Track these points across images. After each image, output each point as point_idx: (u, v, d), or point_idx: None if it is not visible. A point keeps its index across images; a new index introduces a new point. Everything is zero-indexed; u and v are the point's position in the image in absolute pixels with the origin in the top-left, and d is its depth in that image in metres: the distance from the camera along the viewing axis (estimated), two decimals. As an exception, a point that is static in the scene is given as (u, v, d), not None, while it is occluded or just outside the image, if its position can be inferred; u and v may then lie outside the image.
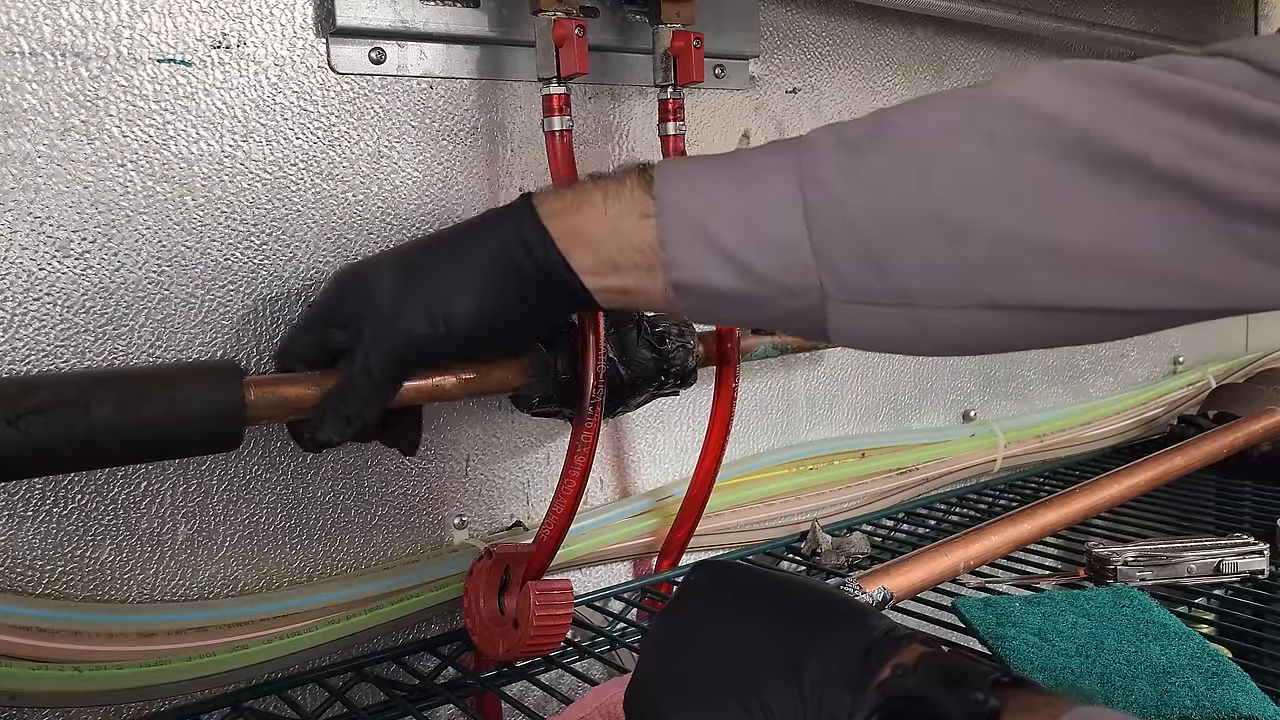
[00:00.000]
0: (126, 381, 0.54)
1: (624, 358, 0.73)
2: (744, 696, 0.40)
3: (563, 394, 0.70)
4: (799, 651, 0.41)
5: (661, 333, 0.75)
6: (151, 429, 0.54)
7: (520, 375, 0.69)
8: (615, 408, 0.74)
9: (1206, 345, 1.50)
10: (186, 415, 0.54)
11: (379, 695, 0.70)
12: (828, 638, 0.41)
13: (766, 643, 0.42)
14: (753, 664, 0.41)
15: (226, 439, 0.57)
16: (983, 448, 1.12)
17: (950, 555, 0.77)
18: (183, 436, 0.55)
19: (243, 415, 0.56)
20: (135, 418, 0.53)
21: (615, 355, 0.72)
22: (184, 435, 0.55)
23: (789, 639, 0.42)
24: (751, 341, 0.85)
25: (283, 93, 0.67)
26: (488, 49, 0.74)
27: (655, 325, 0.76)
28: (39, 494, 0.60)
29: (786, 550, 0.93)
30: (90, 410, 0.52)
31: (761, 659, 0.41)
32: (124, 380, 0.54)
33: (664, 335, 0.75)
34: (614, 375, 0.72)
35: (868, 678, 0.39)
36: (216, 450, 0.58)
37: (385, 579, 0.71)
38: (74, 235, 0.60)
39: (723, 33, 0.85)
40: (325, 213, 0.69)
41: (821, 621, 0.42)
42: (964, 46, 1.11)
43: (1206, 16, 1.42)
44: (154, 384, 0.55)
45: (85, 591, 0.62)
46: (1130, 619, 0.69)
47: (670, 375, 0.76)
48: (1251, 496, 1.07)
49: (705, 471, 0.81)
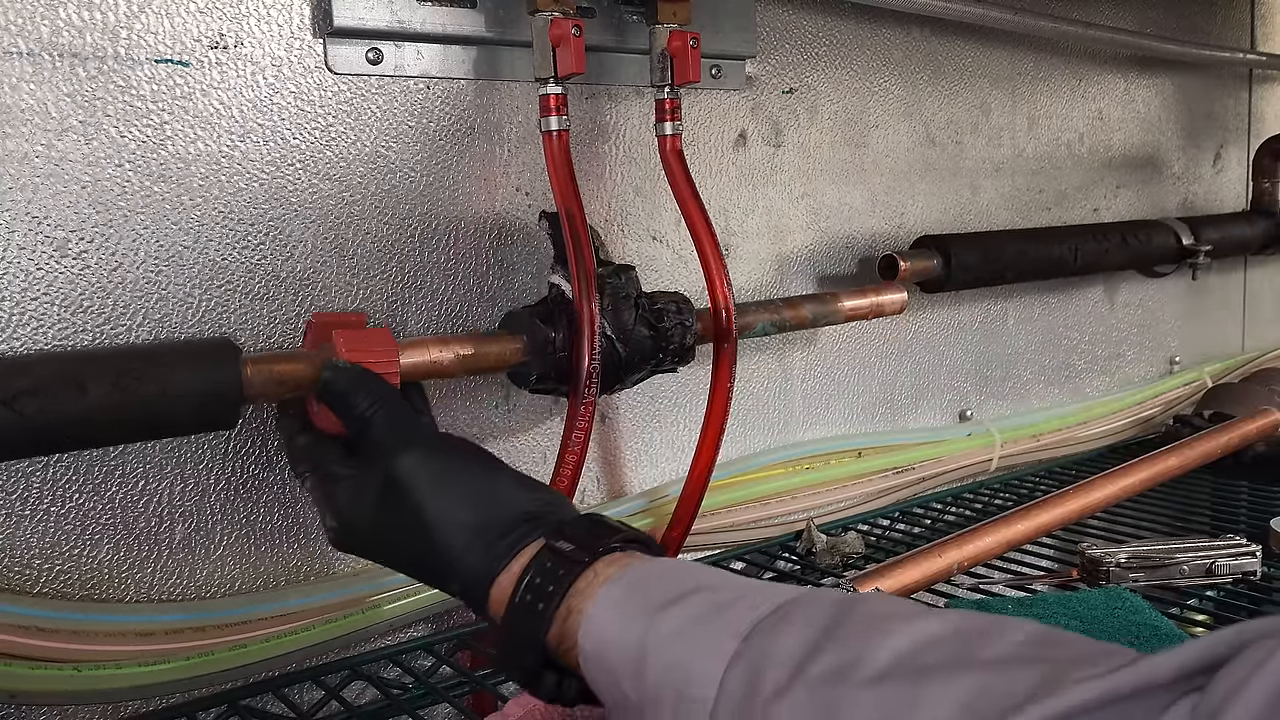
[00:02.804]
0: (122, 360, 0.54)
1: (621, 335, 0.72)
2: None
3: (560, 371, 0.70)
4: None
5: (660, 310, 0.75)
6: (148, 408, 0.53)
7: (518, 352, 0.69)
8: (612, 385, 0.74)
9: (1202, 345, 1.50)
10: (183, 393, 0.54)
11: (375, 694, 0.70)
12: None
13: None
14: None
15: (224, 417, 0.57)
16: (979, 447, 1.13)
17: (944, 556, 0.77)
18: (180, 415, 0.55)
19: (240, 393, 0.56)
20: (132, 396, 0.53)
21: (613, 333, 0.72)
22: (181, 413, 0.54)
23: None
24: (750, 319, 0.84)
25: (280, 93, 0.67)
26: (484, 49, 0.74)
27: (654, 302, 0.75)
28: (37, 493, 0.60)
29: (781, 549, 0.94)
30: (86, 389, 0.51)
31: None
32: (119, 359, 0.54)
33: (662, 313, 0.75)
34: (611, 353, 0.72)
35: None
36: (213, 429, 0.58)
37: (381, 578, 0.71)
38: (72, 235, 0.60)
39: (719, 33, 0.85)
40: (322, 213, 0.69)
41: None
42: (960, 47, 1.11)
43: (1203, 16, 1.43)
44: (150, 362, 0.54)
45: (83, 591, 0.62)
46: (1122, 621, 0.69)
47: (668, 353, 0.75)
48: (1247, 497, 1.07)
49: (702, 465, 0.81)
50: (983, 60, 1.14)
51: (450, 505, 0.52)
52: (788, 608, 0.43)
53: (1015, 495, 1.10)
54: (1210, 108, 1.47)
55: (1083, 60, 1.26)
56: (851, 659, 0.38)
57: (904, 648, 0.38)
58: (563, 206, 0.70)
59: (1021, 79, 1.19)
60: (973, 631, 0.38)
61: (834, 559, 0.89)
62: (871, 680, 0.37)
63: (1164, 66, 1.37)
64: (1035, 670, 0.34)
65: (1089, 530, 0.94)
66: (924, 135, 1.09)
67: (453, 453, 0.55)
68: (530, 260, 0.79)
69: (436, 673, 0.73)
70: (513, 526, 0.51)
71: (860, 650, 0.38)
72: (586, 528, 0.51)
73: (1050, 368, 1.28)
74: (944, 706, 0.35)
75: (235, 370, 0.56)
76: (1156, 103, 1.37)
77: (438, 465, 0.53)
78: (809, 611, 0.42)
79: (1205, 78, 1.45)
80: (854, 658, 0.38)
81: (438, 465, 0.53)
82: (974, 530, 0.81)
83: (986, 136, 1.16)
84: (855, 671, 0.38)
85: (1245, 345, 1.58)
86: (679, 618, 0.44)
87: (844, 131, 1.01)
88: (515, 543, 0.50)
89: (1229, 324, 1.56)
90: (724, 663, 0.41)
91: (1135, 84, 1.34)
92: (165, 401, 0.54)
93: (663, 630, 0.44)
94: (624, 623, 0.45)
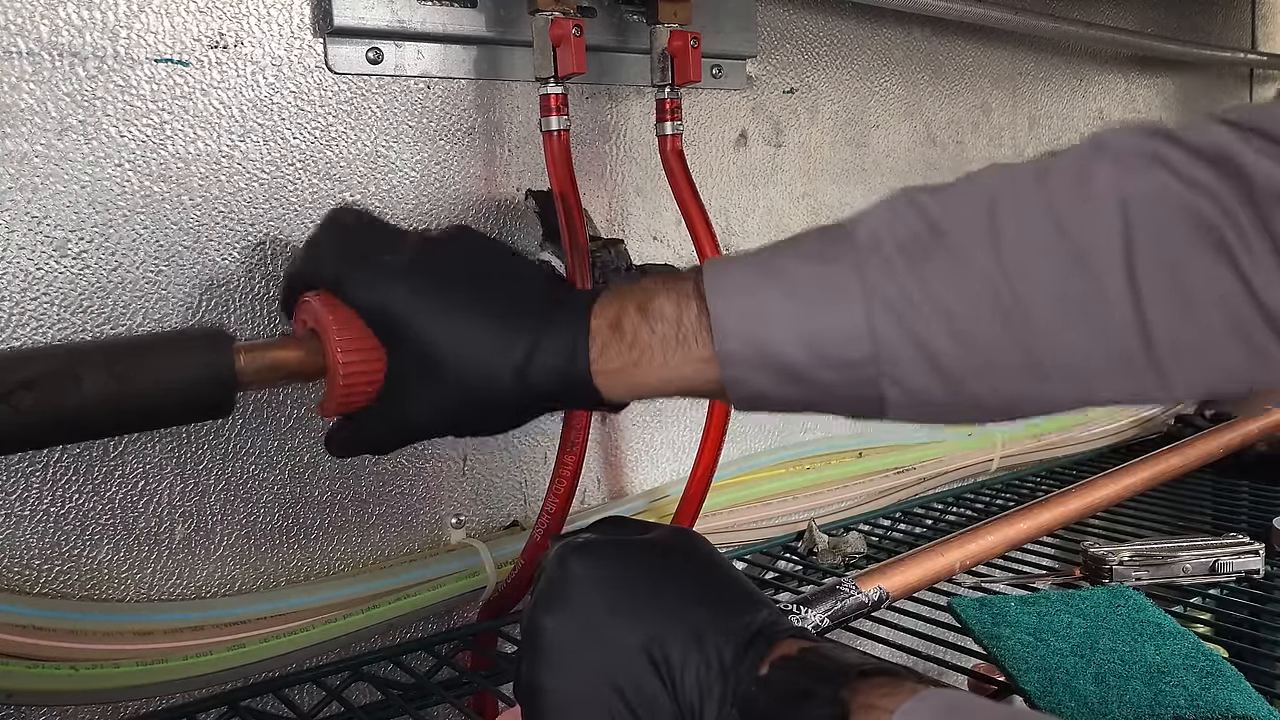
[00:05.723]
0: (115, 351, 0.54)
1: None
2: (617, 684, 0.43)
3: None
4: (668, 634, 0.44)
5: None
6: (143, 398, 0.53)
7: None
8: None
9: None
10: (178, 383, 0.54)
11: (376, 695, 0.70)
12: (708, 627, 0.43)
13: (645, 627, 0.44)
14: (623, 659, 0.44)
15: (218, 405, 0.56)
16: (980, 447, 1.12)
17: (946, 555, 0.77)
18: (174, 404, 0.54)
19: (234, 381, 0.56)
20: (127, 387, 0.53)
21: None
22: (176, 403, 0.54)
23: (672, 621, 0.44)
24: None
25: (280, 93, 0.67)
26: (485, 49, 0.74)
27: (645, 273, 0.75)
28: (36, 493, 0.60)
29: (783, 550, 0.94)
30: (81, 382, 0.51)
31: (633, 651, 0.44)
32: (113, 350, 0.54)
33: None
34: None
35: (742, 668, 0.41)
36: (208, 417, 0.58)
37: (382, 578, 0.71)
38: (71, 235, 0.60)
39: (720, 33, 0.85)
40: (322, 212, 0.69)
41: (700, 605, 0.45)
42: (961, 47, 1.11)
43: (1203, 16, 1.43)
44: (143, 353, 0.54)
45: (83, 590, 0.62)
46: (1125, 619, 0.69)
47: None
48: (1248, 496, 1.07)
49: (704, 465, 0.81)
50: (983, 60, 1.14)
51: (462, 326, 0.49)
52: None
53: (1017, 495, 1.10)
54: (1211, 107, 1.46)
55: (1084, 60, 1.26)
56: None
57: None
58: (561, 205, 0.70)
59: (1022, 79, 1.19)
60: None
61: (836, 559, 0.89)
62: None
63: (1165, 66, 1.37)
64: None
65: (1091, 529, 0.94)
66: (925, 135, 1.09)
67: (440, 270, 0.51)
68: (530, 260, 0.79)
69: (437, 673, 0.72)
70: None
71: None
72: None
73: (1051, 368, 1.27)
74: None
75: (229, 356, 0.56)
76: (1157, 102, 1.37)
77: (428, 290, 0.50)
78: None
79: (1206, 78, 1.45)
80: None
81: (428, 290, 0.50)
82: (976, 529, 0.81)
83: (988, 136, 1.16)
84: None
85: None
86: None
87: (845, 131, 1.01)
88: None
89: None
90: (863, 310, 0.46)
91: (1136, 84, 1.34)
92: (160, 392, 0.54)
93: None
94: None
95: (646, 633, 0.44)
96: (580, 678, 0.44)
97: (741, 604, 0.45)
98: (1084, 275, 0.43)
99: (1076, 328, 0.44)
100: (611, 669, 0.43)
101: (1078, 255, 0.43)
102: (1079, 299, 0.43)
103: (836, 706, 0.38)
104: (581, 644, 0.44)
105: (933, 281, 0.45)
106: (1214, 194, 0.41)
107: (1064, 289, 0.43)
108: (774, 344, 0.47)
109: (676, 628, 0.43)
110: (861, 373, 0.47)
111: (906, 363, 0.46)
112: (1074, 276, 0.43)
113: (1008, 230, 0.44)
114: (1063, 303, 0.44)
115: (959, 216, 0.46)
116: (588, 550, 0.47)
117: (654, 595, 0.45)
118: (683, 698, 0.42)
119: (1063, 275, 0.43)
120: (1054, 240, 0.43)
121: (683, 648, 0.43)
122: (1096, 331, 0.44)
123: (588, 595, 0.45)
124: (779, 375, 0.48)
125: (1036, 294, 0.44)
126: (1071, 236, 0.43)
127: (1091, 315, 0.43)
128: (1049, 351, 0.44)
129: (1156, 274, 0.42)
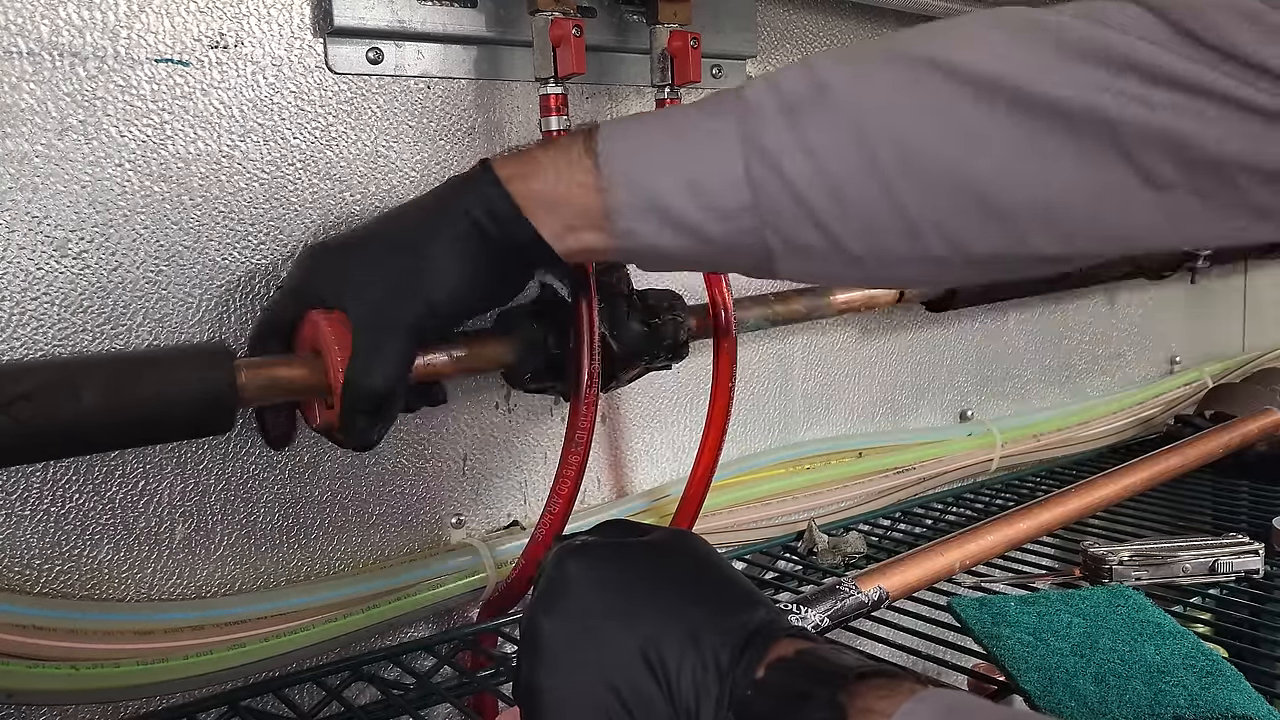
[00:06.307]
0: (116, 366, 0.54)
1: (615, 331, 0.72)
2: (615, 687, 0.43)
3: (555, 369, 0.70)
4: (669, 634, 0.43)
5: (653, 305, 0.75)
6: (142, 413, 0.53)
7: (512, 352, 0.69)
8: (608, 383, 0.74)
9: (1203, 345, 1.50)
10: (177, 398, 0.54)
11: (376, 694, 0.70)
12: (705, 627, 0.43)
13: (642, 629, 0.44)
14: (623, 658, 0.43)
15: (218, 422, 0.56)
16: (980, 447, 1.12)
17: (946, 555, 0.77)
18: (174, 420, 0.55)
19: (234, 398, 0.56)
20: (126, 402, 0.53)
21: (606, 329, 0.71)
22: (175, 419, 0.55)
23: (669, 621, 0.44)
24: (742, 314, 0.84)
25: (280, 92, 0.67)
26: (485, 49, 0.74)
27: (646, 298, 0.75)
28: (37, 493, 0.60)
29: (783, 550, 0.94)
30: (80, 395, 0.51)
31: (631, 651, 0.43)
32: (113, 365, 0.54)
33: (655, 309, 0.75)
34: (606, 350, 0.71)
35: (739, 670, 0.41)
36: (208, 434, 0.58)
37: (382, 578, 0.71)
38: (71, 235, 0.60)
39: (720, 33, 0.85)
40: (322, 212, 0.69)
41: (697, 606, 0.45)
42: (961, 47, 1.11)
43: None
44: (144, 368, 0.54)
45: (83, 590, 0.62)
46: (1125, 618, 0.69)
47: (663, 349, 0.75)
48: (1248, 496, 1.07)
49: (704, 465, 0.81)
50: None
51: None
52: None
53: (1016, 495, 1.10)
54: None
55: (1083, 60, 1.26)
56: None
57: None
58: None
59: (1022, 79, 1.19)
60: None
61: (836, 559, 0.89)
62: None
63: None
64: None
65: (1090, 529, 0.94)
66: (924, 135, 1.09)
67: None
68: (531, 260, 0.79)
69: (437, 673, 0.72)
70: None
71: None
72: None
73: (1051, 368, 1.28)
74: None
75: (230, 375, 0.56)
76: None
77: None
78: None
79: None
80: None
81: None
82: (976, 529, 0.81)
83: (987, 136, 1.15)
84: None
85: (1246, 345, 1.58)
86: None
87: (844, 131, 1.01)
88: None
89: (1230, 324, 1.56)
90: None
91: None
92: (159, 407, 0.54)
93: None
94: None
95: (643, 634, 0.43)
96: (577, 678, 0.44)
97: (739, 603, 0.45)
98: (957, 131, 0.46)
99: (944, 169, 0.47)
100: (608, 670, 0.43)
101: (947, 109, 0.47)
102: (950, 155, 0.47)
103: (834, 710, 0.38)
104: (579, 645, 0.44)
105: (808, 132, 0.48)
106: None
107: (936, 145, 0.47)
108: (659, 190, 0.51)
109: (673, 629, 0.43)
110: (744, 222, 0.50)
111: (787, 215, 0.49)
112: (945, 131, 0.47)
113: (883, 84, 0.48)
114: (936, 158, 0.47)
115: (842, 74, 0.49)
116: (586, 552, 0.47)
117: (651, 596, 0.45)
118: (679, 699, 0.42)
119: (934, 129, 0.47)
120: (924, 96, 0.47)
121: (679, 649, 0.43)
122: (968, 174, 0.47)
123: (585, 596, 0.45)
124: (666, 223, 0.52)
125: (907, 146, 0.47)
126: (940, 94, 0.47)
127: (963, 158, 0.47)
128: (916, 204, 0.48)
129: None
